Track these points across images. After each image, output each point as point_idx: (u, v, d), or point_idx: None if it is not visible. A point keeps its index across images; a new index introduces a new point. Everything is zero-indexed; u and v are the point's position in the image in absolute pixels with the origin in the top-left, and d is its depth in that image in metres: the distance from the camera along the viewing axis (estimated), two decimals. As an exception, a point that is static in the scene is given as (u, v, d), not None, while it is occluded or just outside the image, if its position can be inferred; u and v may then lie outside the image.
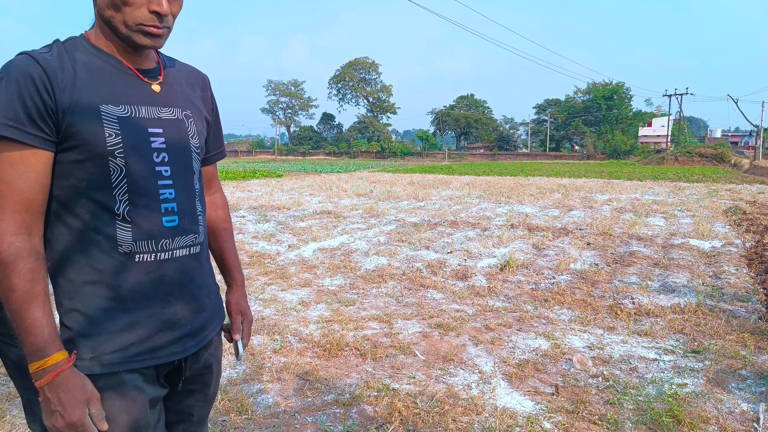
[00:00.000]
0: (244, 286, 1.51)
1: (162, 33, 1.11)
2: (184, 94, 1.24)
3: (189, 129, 1.21)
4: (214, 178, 1.46)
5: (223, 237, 1.49)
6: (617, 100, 68.20)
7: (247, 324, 1.47)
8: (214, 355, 1.33)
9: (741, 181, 21.56)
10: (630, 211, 10.90)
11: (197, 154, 1.23)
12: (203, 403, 1.36)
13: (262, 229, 8.51)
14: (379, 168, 34.48)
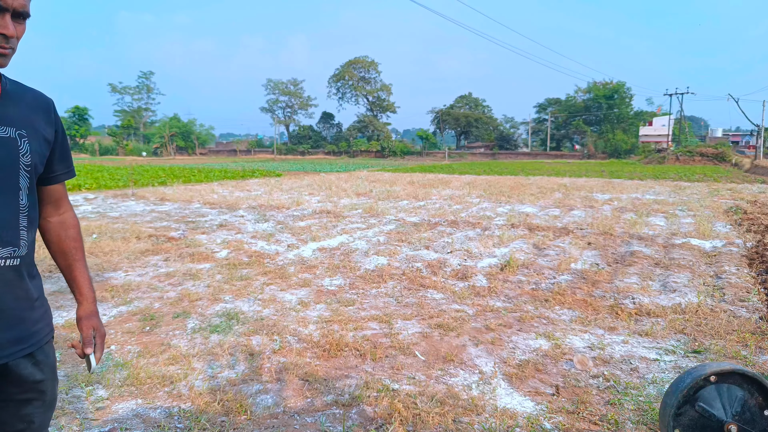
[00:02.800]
0: (95, 302, 1.61)
1: (7, 53, 1.20)
2: (23, 114, 1.29)
3: (21, 147, 1.26)
4: (63, 197, 1.52)
5: (74, 256, 1.61)
6: (618, 99, 68.17)
7: (100, 338, 1.54)
8: (44, 362, 1.39)
9: (742, 180, 21.55)
10: (631, 211, 10.88)
11: (27, 172, 1.28)
12: (42, 410, 1.43)
13: (261, 228, 8.49)
14: (378, 167, 34.45)
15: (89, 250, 6.42)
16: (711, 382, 1.59)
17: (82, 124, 68.30)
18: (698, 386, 1.58)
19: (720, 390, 1.57)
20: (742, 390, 1.57)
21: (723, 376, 1.58)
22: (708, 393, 1.58)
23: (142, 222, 9.12)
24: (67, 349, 3.53)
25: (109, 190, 15.54)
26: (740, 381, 1.58)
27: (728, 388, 1.57)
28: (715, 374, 1.58)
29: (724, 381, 1.57)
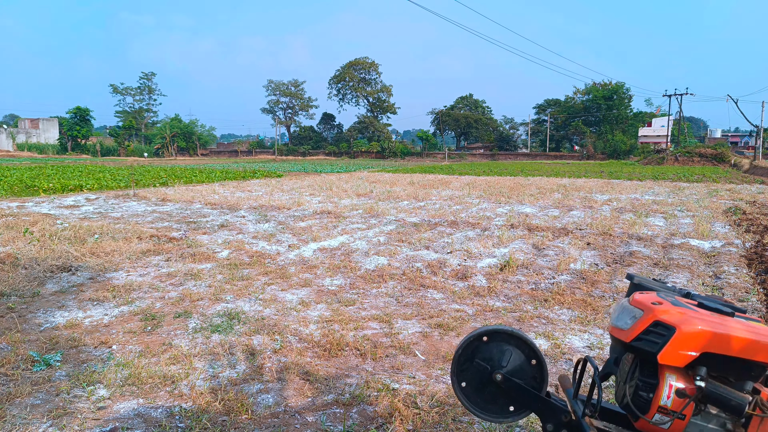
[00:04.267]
0: None
1: None
2: None
3: None
4: None
5: None
6: (617, 100, 68.20)
7: None
8: None
9: (741, 181, 21.56)
10: (630, 211, 10.90)
11: None
12: None
13: (262, 229, 8.51)
14: (379, 168, 34.47)
15: (91, 250, 6.44)
16: (484, 342, 1.87)
17: (84, 124, 68.36)
18: (474, 345, 1.88)
19: (491, 347, 1.86)
20: (510, 345, 1.86)
21: (492, 335, 1.86)
22: (483, 350, 1.87)
23: (144, 222, 9.14)
24: (69, 349, 3.55)
25: (111, 190, 15.56)
26: (507, 338, 1.86)
27: (497, 345, 1.86)
28: (485, 334, 1.86)
29: (493, 339, 1.86)
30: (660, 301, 1.69)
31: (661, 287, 1.85)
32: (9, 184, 16.24)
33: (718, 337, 1.53)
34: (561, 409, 1.83)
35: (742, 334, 1.53)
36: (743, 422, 1.59)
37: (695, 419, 1.62)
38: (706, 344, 1.54)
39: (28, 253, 6.17)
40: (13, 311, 4.29)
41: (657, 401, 1.61)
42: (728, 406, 1.55)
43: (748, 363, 1.55)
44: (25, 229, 7.74)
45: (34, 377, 3.11)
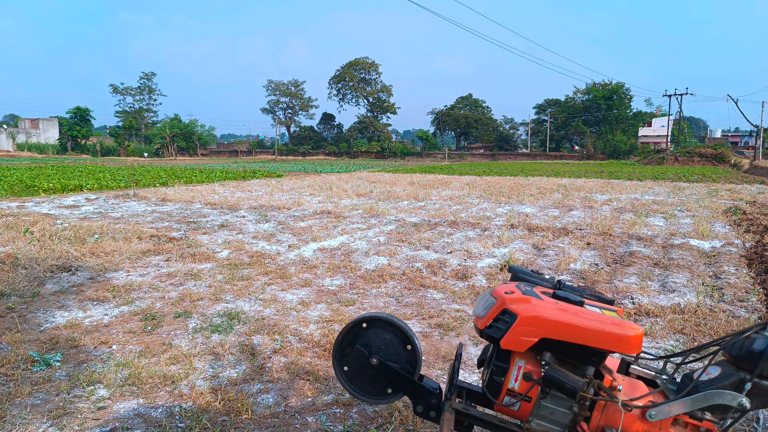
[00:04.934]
0: None
1: None
2: None
3: None
4: None
5: None
6: (617, 100, 68.24)
7: None
8: None
9: (741, 181, 21.56)
10: (630, 211, 10.90)
11: None
12: None
13: (262, 229, 8.51)
14: (379, 168, 34.47)
15: (91, 250, 6.44)
16: (363, 328, 1.95)
17: (84, 124, 68.39)
18: (355, 332, 1.96)
19: (370, 333, 1.95)
20: (387, 332, 1.94)
21: (371, 321, 1.95)
22: (363, 336, 1.96)
23: (144, 222, 9.14)
24: (69, 349, 3.55)
25: (111, 190, 15.56)
26: (384, 325, 1.94)
27: (375, 331, 1.95)
28: (365, 321, 1.94)
29: (372, 326, 1.95)
30: (512, 291, 1.78)
31: (536, 278, 1.94)
32: (9, 184, 16.25)
33: (556, 324, 1.61)
34: (430, 392, 1.91)
35: (580, 321, 1.60)
36: (588, 405, 1.66)
37: (545, 402, 1.70)
38: (545, 330, 1.62)
39: (28, 253, 6.17)
40: (13, 311, 4.29)
41: (506, 385, 1.71)
42: (564, 389, 1.62)
43: (587, 349, 1.62)
44: (25, 229, 7.74)
45: (34, 377, 3.11)
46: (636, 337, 1.58)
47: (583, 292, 1.85)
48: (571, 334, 1.60)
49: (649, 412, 1.62)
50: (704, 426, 1.63)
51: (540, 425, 1.71)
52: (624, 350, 1.60)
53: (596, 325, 1.60)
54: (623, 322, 1.63)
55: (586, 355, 1.65)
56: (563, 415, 1.70)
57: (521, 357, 1.71)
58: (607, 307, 1.78)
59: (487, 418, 1.81)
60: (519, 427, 1.75)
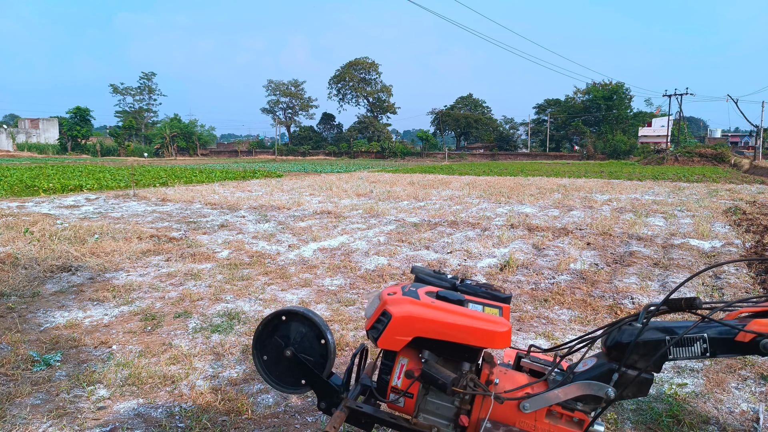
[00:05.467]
0: None
1: None
2: None
3: None
4: None
5: None
6: (617, 100, 68.24)
7: None
8: None
9: (741, 181, 21.56)
10: (630, 211, 10.90)
11: None
12: None
13: (262, 229, 8.51)
14: (379, 168, 34.48)
15: (91, 250, 6.44)
16: (283, 321, 1.99)
17: (84, 124, 68.40)
18: (273, 323, 2.00)
19: (289, 325, 1.99)
20: (303, 325, 1.98)
21: (290, 315, 1.99)
22: (282, 328, 2.00)
23: (144, 222, 9.14)
24: (69, 349, 3.55)
25: (111, 190, 15.57)
26: (302, 319, 1.98)
27: (293, 324, 1.99)
28: (283, 314, 1.99)
29: (291, 319, 1.99)
30: (395, 292, 1.84)
31: (436, 278, 1.99)
32: (9, 184, 16.25)
33: (427, 322, 1.68)
34: (334, 389, 1.95)
35: (452, 320, 1.67)
36: (468, 399, 1.76)
37: (430, 398, 1.79)
38: (417, 330, 1.70)
39: (28, 253, 6.17)
40: (13, 311, 4.29)
41: (391, 382, 1.80)
42: (436, 385, 1.69)
43: (458, 346, 1.70)
44: (25, 229, 7.74)
45: (34, 377, 3.11)
46: (503, 333, 1.64)
47: (479, 290, 1.91)
48: (441, 331, 1.68)
49: (523, 404, 1.68)
50: (576, 416, 1.68)
51: (427, 419, 1.79)
52: (492, 345, 1.66)
53: (463, 322, 1.67)
54: (492, 319, 1.69)
55: (460, 352, 1.73)
56: (448, 409, 1.77)
57: (404, 356, 1.79)
58: (493, 304, 1.84)
59: (380, 415, 1.85)
60: (408, 422, 1.80)
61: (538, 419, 1.71)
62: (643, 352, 1.58)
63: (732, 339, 1.49)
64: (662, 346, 1.55)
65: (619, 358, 1.62)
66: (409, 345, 1.76)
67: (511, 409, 1.71)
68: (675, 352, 1.56)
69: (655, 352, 1.56)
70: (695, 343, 1.53)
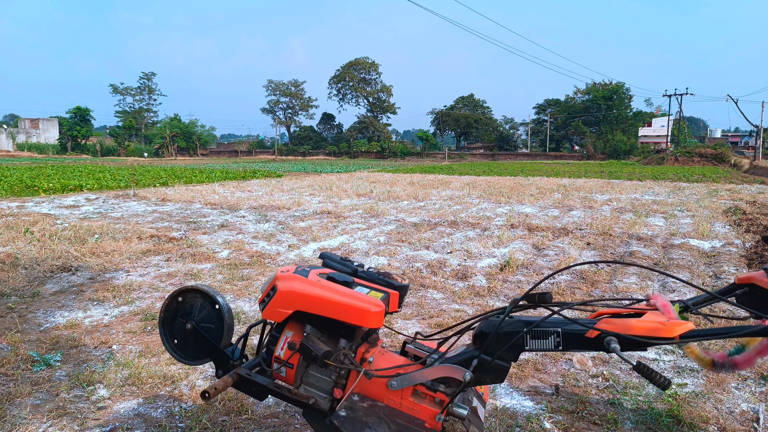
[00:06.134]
0: None
1: None
2: None
3: None
4: None
5: None
6: (617, 100, 68.22)
7: None
8: None
9: (741, 181, 21.56)
10: (630, 211, 10.90)
11: None
12: None
13: (262, 229, 8.51)
14: (379, 168, 34.48)
15: (91, 250, 6.44)
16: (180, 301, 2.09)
17: (84, 124, 68.39)
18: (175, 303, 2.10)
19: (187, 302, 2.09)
20: (200, 299, 2.07)
21: (186, 293, 2.09)
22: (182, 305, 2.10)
23: (144, 222, 9.14)
24: (69, 349, 3.55)
25: (111, 190, 15.57)
26: (199, 295, 2.07)
27: (192, 300, 2.08)
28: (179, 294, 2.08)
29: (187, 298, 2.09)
30: (288, 270, 1.96)
31: (340, 263, 2.11)
32: (9, 184, 16.25)
33: (306, 297, 1.80)
34: (228, 357, 2.05)
35: (329, 296, 1.79)
36: (344, 374, 1.87)
37: (311, 370, 1.90)
38: (297, 304, 1.81)
39: (28, 253, 6.17)
40: (13, 311, 4.29)
41: (275, 352, 1.91)
42: (310, 356, 1.78)
43: (334, 322, 1.82)
44: (26, 229, 7.75)
45: (34, 377, 3.11)
46: (375, 313, 1.74)
47: (377, 277, 2.03)
48: (318, 307, 1.79)
49: (391, 382, 1.79)
50: (438, 396, 1.79)
51: (307, 390, 1.90)
52: (365, 323, 1.76)
53: (339, 299, 1.78)
54: (367, 300, 1.79)
55: (337, 328, 1.86)
56: (326, 382, 1.88)
57: (290, 329, 1.90)
58: (381, 289, 1.95)
59: (263, 382, 1.93)
60: (290, 392, 1.90)
61: (404, 397, 1.81)
62: (502, 342, 1.67)
63: (582, 335, 1.58)
64: (519, 338, 1.64)
65: (479, 345, 1.74)
66: (296, 320, 1.88)
67: (381, 386, 1.81)
68: (531, 344, 1.65)
69: (511, 342, 1.66)
70: (549, 337, 1.63)
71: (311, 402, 1.86)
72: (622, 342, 1.51)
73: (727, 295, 1.86)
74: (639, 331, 1.51)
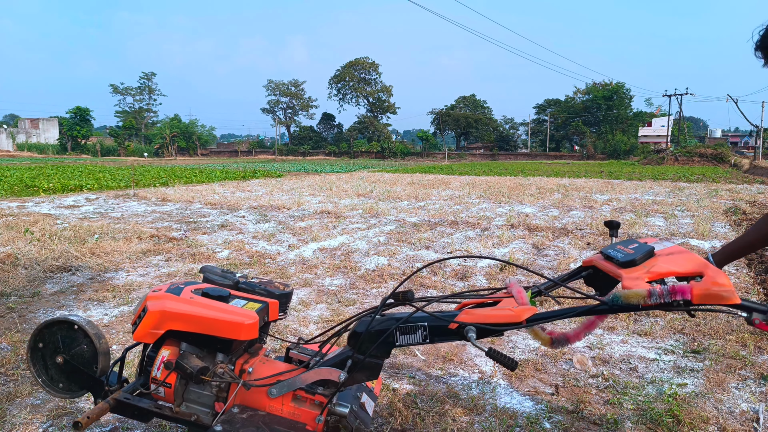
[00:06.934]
0: None
1: None
2: None
3: None
4: None
5: None
6: (617, 100, 68.23)
7: None
8: None
9: (741, 181, 21.56)
10: (630, 211, 10.90)
11: None
12: None
13: (262, 229, 8.51)
14: (379, 168, 34.49)
15: (91, 250, 6.44)
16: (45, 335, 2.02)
17: (84, 124, 68.40)
18: (42, 337, 2.02)
19: (54, 335, 2.02)
20: (66, 330, 2.01)
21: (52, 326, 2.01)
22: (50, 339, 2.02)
23: (144, 222, 9.14)
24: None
25: (111, 190, 15.57)
26: (62, 326, 2.01)
27: (59, 332, 2.01)
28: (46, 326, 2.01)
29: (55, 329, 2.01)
30: (160, 289, 1.94)
31: (220, 277, 2.08)
32: (9, 184, 16.25)
33: (179, 316, 1.79)
34: (103, 384, 2.01)
35: (201, 313, 1.78)
36: (225, 387, 1.87)
37: (192, 387, 1.88)
38: (169, 323, 1.80)
39: (28, 253, 6.17)
40: (13, 311, 4.29)
41: (152, 373, 1.88)
42: (186, 374, 1.78)
43: (209, 337, 1.82)
44: (26, 229, 7.75)
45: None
46: (249, 325, 1.76)
47: (257, 287, 2.04)
48: (190, 324, 1.79)
49: (270, 390, 1.81)
50: (317, 399, 1.83)
51: (189, 407, 1.89)
52: (238, 336, 1.77)
53: (211, 314, 1.78)
54: (240, 312, 1.81)
55: (213, 343, 1.85)
56: (207, 397, 1.88)
57: (167, 348, 1.88)
58: (259, 299, 1.95)
59: (143, 405, 1.91)
60: (171, 411, 1.89)
61: (285, 403, 1.83)
62: (373, 340, 1.71)
63: (446, 327, 1.66)
64: (389, 334, 1.69)
65: (353, 346, 1.76)
66: (172, 338, 1.87)
67: (262, 394, 1.83)
68: (401, 339, 1.70)
69: (381, 339, 1.70)
70: (417, 331, 1.69)
71: (194, 419, 1.87)
72: (480, 330, 1.62)
73: (575, 277, 2.01)
74: (493, 319, 1.64)
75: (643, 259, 1.68)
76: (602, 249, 1.88)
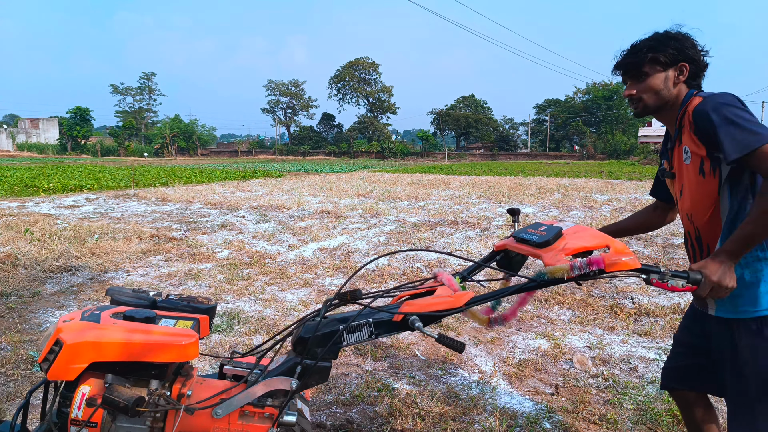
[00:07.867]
0: None
1: None
2: None
3: None
4: None
5: None
6: (617, 100, 68.15)
7: None
8: None
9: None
10: (630, 211, 10.90)
11: None
12: None
13: (262, 229, 8.51)
14: (379, 168, 34.49)
15: (91, 250, 6.44)
16: None
17: (84, 124, 68.40)
18: None
19: None
20: None
21: None
22: None
23: (144, 222, 9.14)
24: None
25: (111, 190, 15.57)
26: None
27: None
28: None
29: None
30: (72, 318, 1.73)
31: (133, 298, 1.89)
32: (9, 184, 16.25)
33: (107, 346, 1.60)
34: None
35: (132, 339, 1.61)
36: (161, 416, 1.69)
37: (121, 423, 1.68)
38: (93, 355, 1.60)
39: (28, 253, 6.17)
40: (13, 311, 4.29)
41: (71, 414, 1.63)
42: (118, 408, 1.58)
43: (143, 364, 1.65)
44: (26, 229, 7.75)
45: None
46: (188, 345, 1.64)
47: (180, 304, 1.89)
48: (122, 353, 1.61)
49: (215, 411, 1.69)
50: (267, 411, 1.75)
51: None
52: (179, 358, 1.63)
53: (146, 339, 1.62)
54: (177, 332, 1.67)
55: (146, 370, 1.68)
56: (142, 430, 1.70)
57: (87, 383, 1.67)
58: (189, 317, 1.82)
59: None
60: None
61: (232, 422, 1.73)
62: (322, 343, 1.69)
63: (390, 320, 1.67)
64: (336, 335, 1.68)
65: (301, 351, 1.72)
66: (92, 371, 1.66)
67: (205, 417, 1.71)
68: (347, 339, 1.69)
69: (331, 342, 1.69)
70: (363, 329, 1.69)
71: None
72: (423, 319, 1.64)
73: (490, 261, 2.20)
74: (435, 307, 1.69)
75: (555, 238, 1.77)
76: (513, 233, 1.99)
